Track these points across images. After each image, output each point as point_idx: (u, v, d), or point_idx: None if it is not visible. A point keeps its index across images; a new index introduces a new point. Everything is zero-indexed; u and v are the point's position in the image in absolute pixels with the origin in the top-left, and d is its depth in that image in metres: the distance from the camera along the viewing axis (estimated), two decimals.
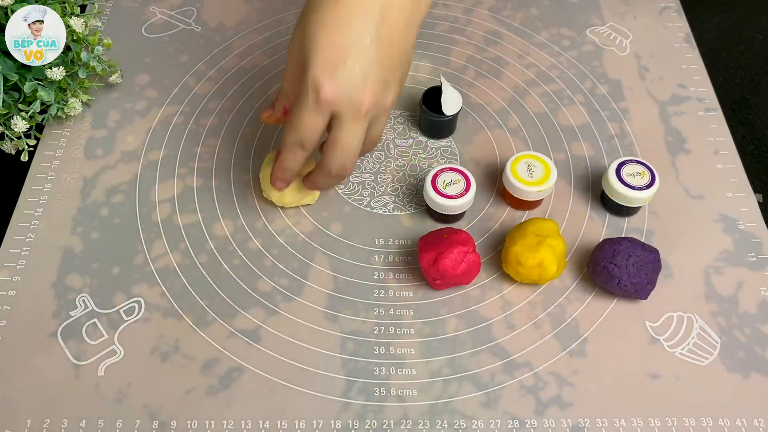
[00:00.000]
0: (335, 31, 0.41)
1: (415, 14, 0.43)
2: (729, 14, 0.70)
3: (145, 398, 0.45)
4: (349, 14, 0.41)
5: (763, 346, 0.48)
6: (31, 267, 0.51)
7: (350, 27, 0.41)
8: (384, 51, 0.42)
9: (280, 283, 0.50)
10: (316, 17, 0.41)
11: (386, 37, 0.41)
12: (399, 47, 0.43)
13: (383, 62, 0.42)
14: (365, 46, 0.41)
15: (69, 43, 0.53)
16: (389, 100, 0.44)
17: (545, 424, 0.44)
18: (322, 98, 0.41)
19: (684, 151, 0.58)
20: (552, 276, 0.48)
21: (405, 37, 0.43)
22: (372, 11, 0.41)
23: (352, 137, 0.43)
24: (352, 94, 0.41)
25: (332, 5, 0.41)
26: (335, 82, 0.41)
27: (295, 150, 0.45)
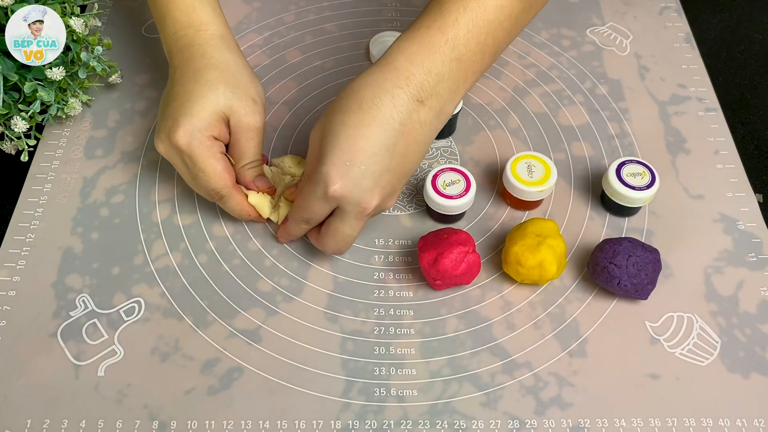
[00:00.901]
0: (355, 136, 0.42)
1: (434, 128, 0.45)
2: (729, 14, 0.70)
3: (145, 398, 0.45)
4: (371, 123, 0.42)
5: (763, 346, 0.48)
6: (31, 267, 0.51)
7: (369, 136, 0.42)
8: (397, 161, 0.43)
9: (280, 283, 0.50)
10: (339, 118, 0.43)
11: (402, 149, 0.43)
12: (412, 159, 0.45)
13: (394, 171, 0.44)
14: (381, 155, 0.43)
15: (69, 43, 0.53)
16: (391, 203, 0.46)
17: (545, 424, 0.44)
18: (331, 193, 0.43)
19: (684, 151, 0.58)
20: (552, 276, 0.48)
21: (420, 150, 0.45)
22: (393, 124, 0.43)
23: (351, 230, 0.46)
24: (361, 196, 0.43)
25: (357, 111, 0.43)
26: (346, 182, 0.43)
27: (301, 225, 0.48)
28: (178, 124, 0.47)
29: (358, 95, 0.43)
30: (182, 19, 0.51)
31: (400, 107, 0.43)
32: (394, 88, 0.43)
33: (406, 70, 0.43)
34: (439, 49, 0.43)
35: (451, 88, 0.44)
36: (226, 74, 0.49)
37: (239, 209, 0.50)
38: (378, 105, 0.42)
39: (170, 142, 0.47)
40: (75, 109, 0.56)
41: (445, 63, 0.43)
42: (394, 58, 0.44)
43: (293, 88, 0.62)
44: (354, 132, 0.42)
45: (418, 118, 0.43)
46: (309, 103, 0.61)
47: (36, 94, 0.52)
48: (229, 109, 0.48)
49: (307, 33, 0.67)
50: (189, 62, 0.49)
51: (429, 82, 0.43)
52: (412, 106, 0.43)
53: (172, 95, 0.49)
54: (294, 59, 0.64)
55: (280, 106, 0.61)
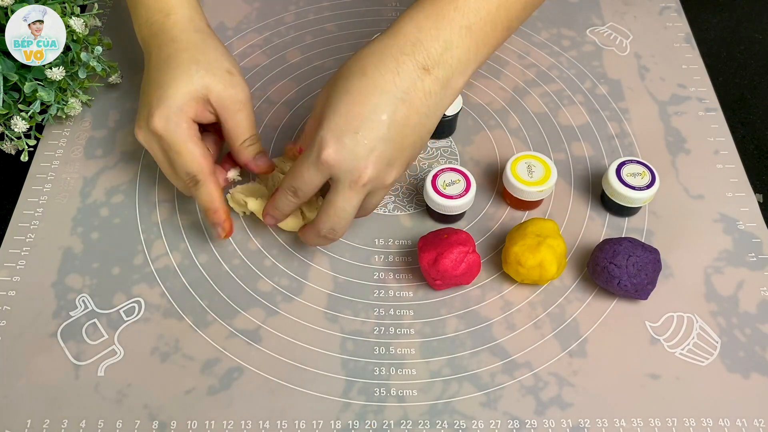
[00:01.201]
0: (355, 102, 0.42)
1: (440, 101, 0.43)
2: (729, 14, 0.70)
3: (145, 398, 0.45)
4: (372, 90, 0.42)
5: (763, 346, 0.48)
6: (31, 267, 0.51)
7: (369, 101, 0.41)
8: (396, 131, 0.42)
9: (280, 283, 0.50)
10: (341, 84, 0.43)
11: (402, 119, 0.42)
12: (413, 131, 0.43)
13: (393, 141, 0.42)
14: (379, 121, 0.42)
15: (69, 43, 0.53)
16: (390, 178, 0.44)
17: (545, 424, 0.44)
18: (323, 158, 0.42)
19: (684, 151, 0.58)
20: (552, 276, 0.48)
21: (423, 122, 0.43)
22: (395, 92, 0.42)
23: (346, 203, 0.44)
24: (354, 163, 0.42)
25: (359, 77, 0.42)
26: (340, 148, 0.41)
27: (288, 195, 0.46)
28: (154, 110, 0.46)
29: (362, 61, 0.43)
30: (152, 5, 0.50)
31: (403, 74, 0.42)
32: (399, 55, 0.42)
33: (412, 36, 0.42)
34: (447, 14, 0.42)
35: (461, 59, 0.43)
36: (195, 54, 0.48)
37: (209, 200, 0.48)
38: (381, 71, 0.42)
39: (148, 129, 0.47)
40: (75, 109, 0.56)
41: (454, 30, 0.42)
42: (402, 24, 0.43)
43: (293, 88, 0.62)
44: (354, 98, 0.42)
45: (423, 87, 0.42)
46: (309, 103, 0.61)
47: (36, 94, 0.52)
48: (205, 88, 0.47)
49: (307, 33, 0.67)
50: (160, 49, 0.49)
51: (436, 48, 0.42)
52: (417, 74, 0.42)
53: (146, 83, 0.49)
54: (294, 59, 0.64)
55: (280, 106, 0.61)
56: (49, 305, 0.49)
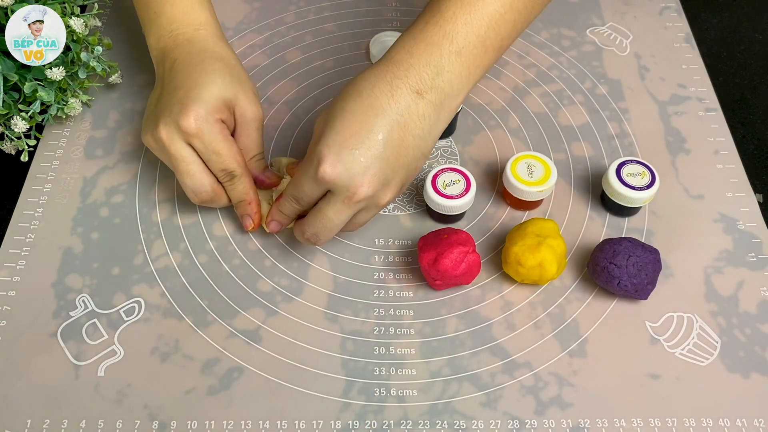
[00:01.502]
0: (352, 121, 0.43)
1: (435, 124, 0.44)
2: (729, 14, 0.70)
3: (145, 398, 0.45)
4: (368, 110, 0.43)
5: (763, 346, 0.48)
6: (31, 267, 0.51)
7: (365, 121, 0.42)
8: (392, 151, 0.43)
9: (280, 283, 0.50)
10: (340, 104, 0.44)
11: (398, 140, 0.43)
12: (408, 152, 0.44)
13: (388, 161, 0.43)
14: (375, 141, 0.42)
15: (69, 43, 0.53)
16: (385, 198, 0.45)
17: (545, 424, 0.44)
18: (320, 173, 0.43)
19: (684, 151, 0.58)
20: (552, 276, 0.48)
21: (418, 144, 0.44)
22: (390, 114, 0.43)
23: (336, 216, 0.44)
24: (350, 180, 0.42)
25: (355, 98, 0.43)
26: (337, 164, 0.42)
27: (291, 202, 0.47)
28: (189, 109, 0.46)
29: (358, 85, 0.44)
30: (180, 18, 0.51)
31: (398, 97, 0.43)
32: (393, 79, 0.43)
33: (405, 62, 0.43)
34: (437, 42, 0.43)
35: (452, 83, 0.44)
36: (229, 66, 0.50)
37: (245, 191, 0.50)
38: (376, 93, 0.43)
39: (177, 127, 0.47)
40: (75, 109, 0.56)
41: (444, 56, 0.43)
42: (395, 52, 0.44)
43: (293, 88, 0.62)
44: (350, 117, 0.43)
45: (417, 110, 0.43)
46: (309, 103, 0.61)
47: (36, 94, 0.52)
48: (235, 98, 0.49)
49: (307, 33, 0.67)
50: (191, 55, 0.50)
51: (428, 74, 0.43)
52: (411, 98, 0.43)
53: (174, 85, 0.49)
54: (294, 59, 0.64)
55: (280, 106, 0.61)
56: (49, 305, 0.49)
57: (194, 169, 0.48)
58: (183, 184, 0.49)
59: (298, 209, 0.47)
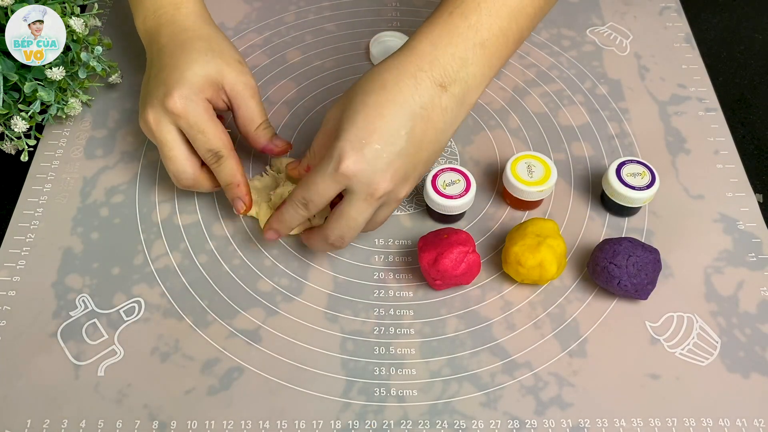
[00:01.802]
0: (374, 115, 0.42)
1: (456, 117, 0.44)
2: (729, 14, 0.70)
3: (145, 398, 0.45)
4: (392, 104, 0.42)
5: (763, 346, 0.48)
6: (31, 267, 0.51)
7: (389, 116, 0.42)
8: (414, 146, 0.43)
9: (280, 283, 0.50)
10: (360, 98, 0.43)
11: (420, 134, 0.43)
12: (429, 146, 0.44)
13: (410, 156, 0.43)
14: (398, 136, 0.42)
15: (69, 43, 0.53)
16: (404, 192, 0.45)
17: (545, 424, 0.44)
18: (342, 169, 0.42)
19: (684, 151, 0.58)
20: (552, 276, 0.48)
21: (439, 138, 0.44)
22: (413, 107, 0.42)
23: (359, 214, 0.44)
24: (372, 176, 0.42)
25: (379, 92, 0.42)
26: (360, 159, 0.42)
27: (298, 207, 0.45)
28: (172, 90, 0.46)
29: (381, 77, 0.43)
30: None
31: (421, 91, 0.42)
32: (417, 72, 0.42)
33: (429, 54, 0.43)
34: (462, 33, 0.43)
35: (476, 75, 0.43)
36: (211, 43, 0.50)
37: (231, 173, 0.49)
38: (400, 87, 0.42)
39: (164, 109, 0.47)
40: (75, 109, 0.56)
41: (469, 48, 0.43)
42: (418, 42, 0.43)
43: (293, 88, 0.62)
44: (373, 111, 0.42)
45: (440, 103, 0.43)
46: (309, 103, 0.61)
47: (36, 94, 0.52)
48: (220, 74, 0.48)
49: (307, 33, 0.67)
50: (172, 37, 0.50)
51: (453, 66, 0.43)
52: (434, 91, 0.42)
53: (159, 67, 0.49)
54: (294, 59, 0.64)
55: (280, 106, 0.61)
56: (49, 305, 0.49)
57: (177, 155, 0.48)
58: (166, 168, 0.49)
59: (303, 216, 0.46)
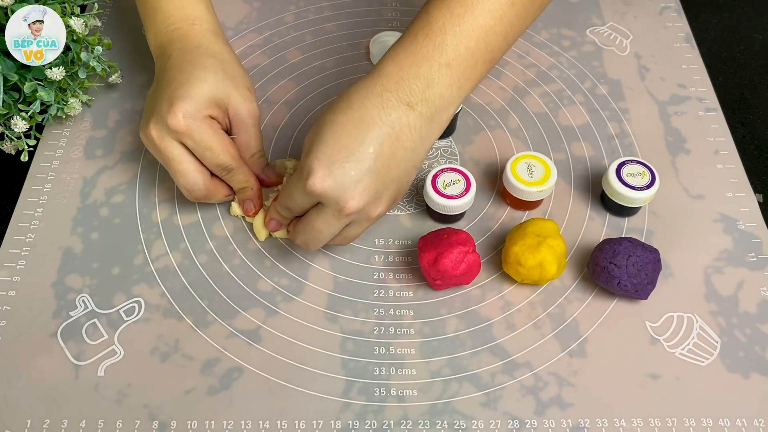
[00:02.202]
0: (342, 133, 0.42)
1: (426, 135, 0.44)
2: (729, 14, 0.70)
3: (145, 398, 0.45)
4: (359, 122, 0.42)
5: (763, 346, 0.48)
6: (31, 267, 0.51)
7: (356, 133, 0.42)
8: (383, 164, 0.43)
9: (280, 283, 0.50)
10: (329, 117, 0.44)
11: (389, 152, 0.43)
12: (400, 165, 0.44)
13: (379, 174, 0.43)
14: (366, 153, 0.42)
15: (69, 43, 0.53)
16: (376, 212, 0.44)
17: (545, 424, 0.44)
18: (309, 187, 0.42)
19: (684, 151, 0.58)
20: (552, 276, 0.48)
21: (409, 157, 0.44)
22: (381, 126, 0.42)
23: (325, 227, 0.44)
24: (340, 193, 0.42)
25: (346, 110, 0.43)
26: (327, 177, 0.42)
27: (284, 210, 0.48)
28: (176, 107, 0.46)
29: (348, 98, 0.44)
30: (176, 13, 0.51)
31: (388, 110, 0.42)
32: (383, 92, 0.43)
33: (395, 75, 0.43)
34: (427, 54, 0.43)
35: (442, 95, 0.43)
36: (223, 63, 0.49)
37: (245, 180, 0.50)
38: (367, 106, 0.43)
39: (167, 126, 0.46)
40: (75, 109, 0.56)
41: (434, 68, 0.43)
42: (385, 64, 0.44)
43: (293, 88, 0.62)
44: (340, 129, 0.43)
45: (408, 122, 0.43)
46: (309, 103, 0.61)
47: (36, 94, 0.52)
48: (227, 96, 0.48)
49: (307, 33, 0.67)
50: (184, 52, 0.49)
51: (418, 86, 0.43)
52: (402, 110, 0.43)
53: (166, 81, 0.48)
54: (294, 59, 0.64)
55: (280, 106, 0.61)
56: (49, 305, 0.49)
57: (186, 168, 0.48)
58: (177, 183, 0.49)
59: (289, 216, 0.48)
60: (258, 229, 0.52)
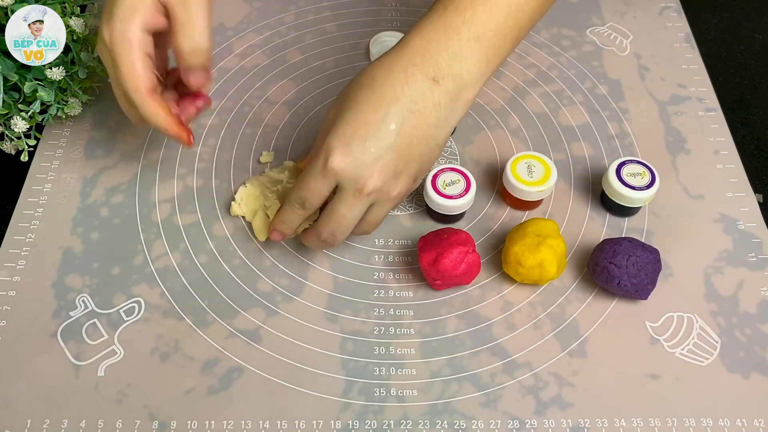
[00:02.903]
0: (363, 110, 0.42)
1: (450, 113, 0.43)
2: (729, 14, 0.70)
3: (145, 398, 0.45)
4: (381, 99, 0.42)
5: (763, 346, 0.48)
6: (31, 267, 0.51)
7: (378, 110, 0.41)
8: (404, 141, 0.42)
9: (280, 283, 0.50)
10: (351, 94, 0.43)
11: (411, 129, 0.42)
12: (421, 142, 0.43)
13: (400, 151, 0.42)
14: (387, 131, 0.41)
15: (69, 43, 0.53)
16: (396, 190, 0.43)
17: (545, 424, 0.44)
18: (329, 166, 0.42)
19: (684, 151, 0.58)
20: (552, 276, 0.48)
21: (431, 134, 0.43)
22: (404, 102, 0.41)
23: (348, 211, 0.43)
24: (359, 171, 0.41)
25: (369, 86, 0.42)
26: (346, 155, 0.41)
27: (295, 207, 0.46)
28: (104, 21, 0.44)
29: (371, 73, 0.43)
30: None
31: (412, 85, 0.42)
32: (408, 66, 0.42)
33: (421, 48, 0.42)
34: (456, 27, 0.42)
35: (470, 70, 0.42)
36: None
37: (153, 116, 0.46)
38: (390, 82, 0.42)
39: (101, 42, 0.44)
40: (75, 109, 0.56)
41: (463, 41, 0.42)
42: (411, 38, 0.43)
43: (293, 88, 0.62)
44: (362, 106, 0.42)
45: (432, 97, 0.42)
46: (309, 103, 0.61)
47: (36, 94, 0.52)
48: None
49: (307, 33, 0.67)
50: None
51: (445, 60, 0.42)
52: (426, 85, 0.42)
53: None
54: (294, 59, 0.64)
55: (280, 106, 0.61)
56: (49, 305, 0.49)
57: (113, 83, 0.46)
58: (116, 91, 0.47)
59: (302, 215, 0.46)
60: (258, 229, 0.52)
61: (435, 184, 0.51)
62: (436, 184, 0.51)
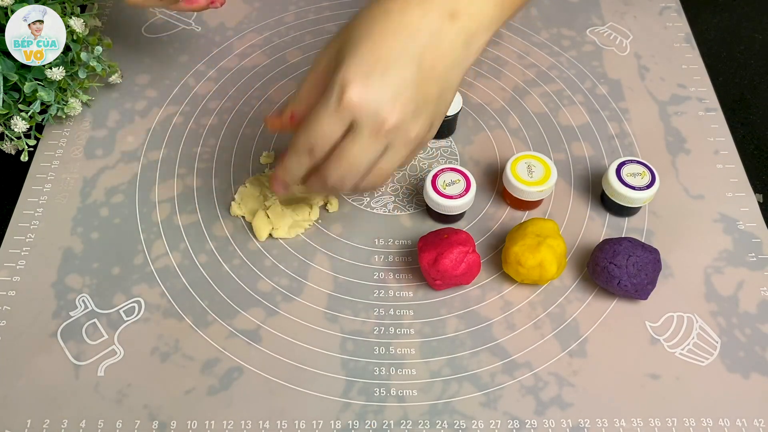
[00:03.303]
0: (380, 43, 0.39)
1: (463, 56, 0.40)
2: (729, 14, 0.70)
3: (145, 398, 0.45)
4: (398, 31, 0.39)
5: (763, 346, 0.48)
6: (31, 267, 0.51)
7: (394, 44, 0.38)
8: (423, 76, 0.39)
9: (280, 283, 0.50)
10: (362, 29, 0.40)
11: (429, 63, 0.39)
12: (439, 80, 0.40)
13: (420, 87, 0.39)
14: (405, 63, 0.38)
15: (69, 43, 0.53)
16: (414, 131, 0.40)
17: (545, 424, 0.44)
18: (346, 100, 0.38)
19: (684, 151, 0.58)
20: (552, 276, 0.48)
21: (448, 73, 0.40)
22: (423, 35, 0.39)
23: (362, 153, 0.40)
24: (379, 106, 0.38)
25: (382, 19, 0.39)
26: (366, 88, 0.38)
27: (302, 155, 0.41)
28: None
29: (384, 6, 0.40)
30: None
31: (429, 19, 0.39)
32: (424, 1, 0.39)
33: None
34: None
35: (486, 12, 0.40)
36: None
37: None
38: (407, 13, 0.39)
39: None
40: (75, 109, 0.56)
41: None
42: None
43: (293, 88, 0.62)
44: (378, 39, 0.39)
45: (449, 35, 0.39)
46: None
47: (36, 94, 0.52)
48: None
49: (307, 33, 0.67)
50: None
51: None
52: (444, 21, 0.39)
53: None
54: (294, 59, 0.64)
55: (281, 106, 0.61)
56: (49, 305, 0.49)
57: None
58: None
59: (310, 162, 0.41)
60: (258, 229, 0.52)
61: (435, 184, 0.51)
62: (436, 184, 0.51)
